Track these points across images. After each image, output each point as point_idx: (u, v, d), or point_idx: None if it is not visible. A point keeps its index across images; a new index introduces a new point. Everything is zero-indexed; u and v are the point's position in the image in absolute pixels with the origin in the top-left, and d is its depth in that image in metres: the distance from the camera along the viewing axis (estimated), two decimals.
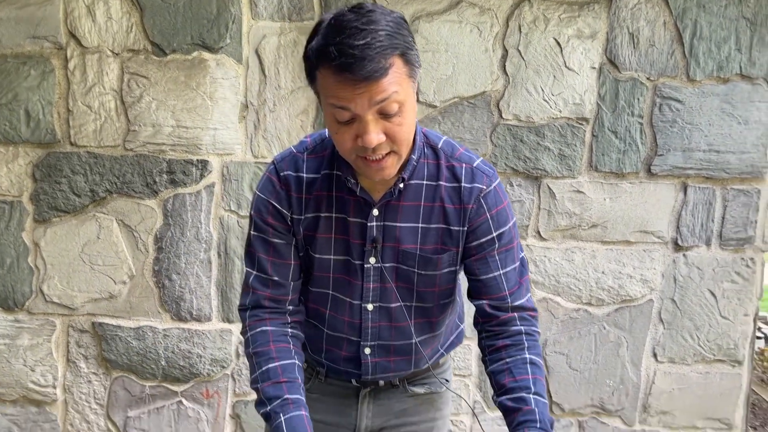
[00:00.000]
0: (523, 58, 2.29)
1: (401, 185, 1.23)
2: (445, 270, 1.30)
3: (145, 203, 2.37)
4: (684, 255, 2.34)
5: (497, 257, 1.28)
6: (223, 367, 2.43)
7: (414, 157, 1.23)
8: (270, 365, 1.26)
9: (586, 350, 2.40)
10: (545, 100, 2.30)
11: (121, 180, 2.35)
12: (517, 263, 1.31)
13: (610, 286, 2.37)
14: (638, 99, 2.28)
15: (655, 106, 2.28)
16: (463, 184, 1.25)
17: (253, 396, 2.42)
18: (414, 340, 1.37)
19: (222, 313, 2.41)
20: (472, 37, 2.29)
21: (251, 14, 2.31)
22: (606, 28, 2.28)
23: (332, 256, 1.30)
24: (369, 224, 1.26)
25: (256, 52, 2.31)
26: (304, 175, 1.27)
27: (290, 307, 1.34)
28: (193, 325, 2.41)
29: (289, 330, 1.33)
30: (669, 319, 2.37)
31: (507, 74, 2.30)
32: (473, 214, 1.25)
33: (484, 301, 1.30)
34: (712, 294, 2.35)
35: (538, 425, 1.19)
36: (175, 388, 2.44)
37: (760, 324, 5.80)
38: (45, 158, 2.35)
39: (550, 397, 2.39)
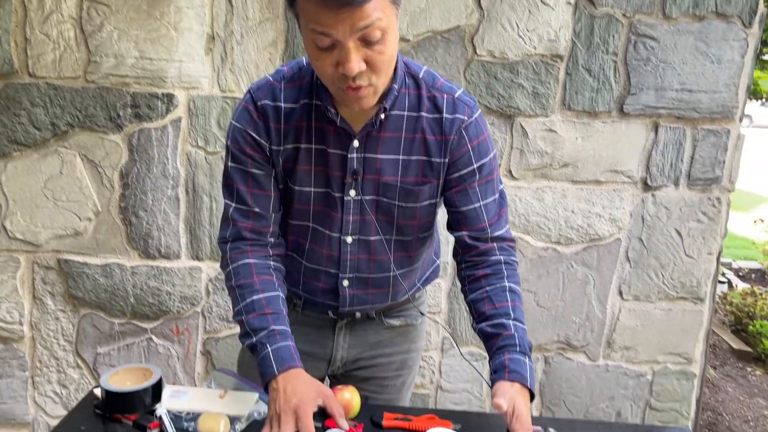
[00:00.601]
0: None
1: (382, 116, 1.20)
2: (426, 203, 1.29)
3: (109, 138, 2.30)
4: (653, 195, 2.36)
5: (477, 189, 1.28)
6: (193, 304, 2.42)
7: (395, 86, 1.20)
8: (254, 297, 1.25)
9: (554, 288, 2.44)
10: (520, 36, 2.25)
11: (84, 113, 2.28)
12: (497, 195, 1.31)
13: (579, 225, 2.39)
14: (613, 36, 2.25)
15: (630, 43, 2.25)
16: (444, 115, 1.23)
17: (225, 332, 2.45)
18: (392, 273, 1.37)
19: (191, 250, 2.38)
20: None
21: None
22: None
23: (312, 189, 1.28)
24: (349, 156, 1.23)
25: None
26: (282, 104, 1.24)
27: (271, 239, 1.32)
28: (162, 263, 2.38)
29: (272, 263, 1.32)
30: (636, 258, 2.41)
31: (482, 8, 2.24)
32: (454, 146, 1.24)
33: (464, 233, 1.31)
34: (678, 233, 2.38)
35: (517, 348, 1.21)
36: (144, 325, 2.43)
37: (723, 269, 5.96)
38: (3, 89, 2.26)
39: None
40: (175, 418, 1.29)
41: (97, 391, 1.34)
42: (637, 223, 2.38)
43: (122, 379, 1.38)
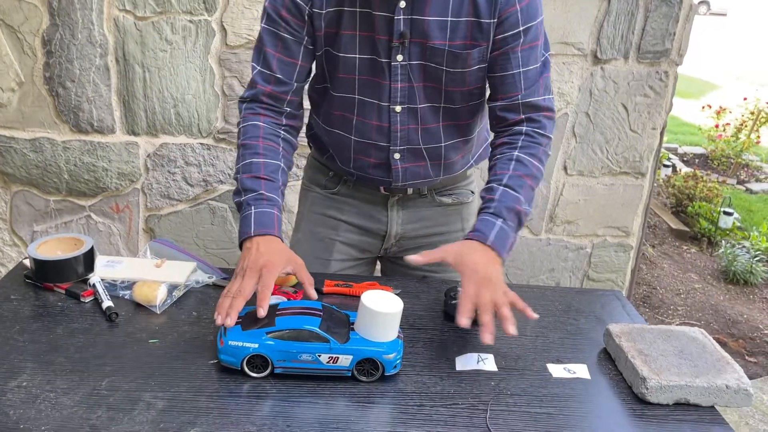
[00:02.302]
0: None
1: None
2: (475, 67, 1.23)
3: (26, 0, 2.10)
4: (602, 68, 2.33)
5: (520, 54, 1.21)
6: (132, 181, 2.34)
7: None
8: (254, 159, 1.23)
9: None
10: None
11: None
12: (539, 64, 1.24)
13: None
14: None
15: None
16: None
17: (167, 210, 2.40)
18: (444, 144, 1.34)
19: (126, 125, 2.27)
20: None
21: None
22: None
23: (357, 55, 1.22)
24: (396, 17, 1.17)
25: None
26: None
27: (288, 109, 1.29)
28: (96, 137, 2.27)
29: (281, 131, 1.28)
30: (581, 133, 2.42)
31: None
32: (503, 5, 1.17)
33: (498, 102, 1.26)
34: (625, 108, 2.38)
35: (491, 210, 1.18)
36: (81, 202, 2.35)
37: (669, 154, 6.12)
38: None
39: None
40: (110, 286, 1.27)
41: (27, 262, 1.30)
42: (585, 98, 2.36)
43: (52, 248, 1.34)
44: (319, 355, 1.01)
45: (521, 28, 1.19)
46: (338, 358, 1.02)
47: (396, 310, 1.03)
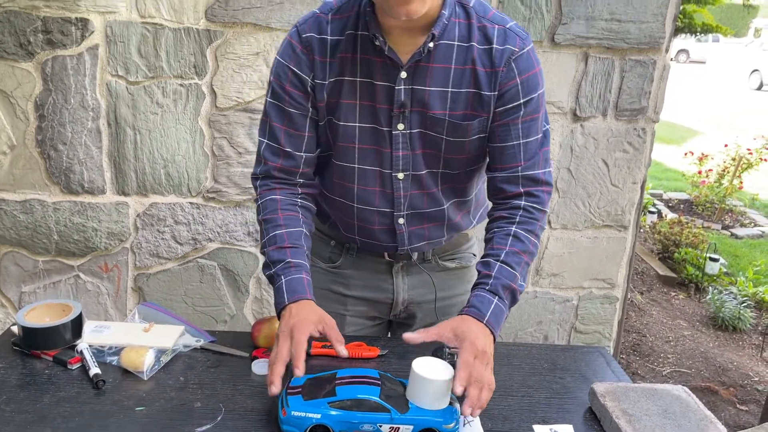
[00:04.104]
0: None
1: (431, 44, 1.16)
2: (475, 137, 1.25)
3: (20, 66, 2.16)
4: (581, 125, 2.40)
5: (520, 125, 1.23)
6: (121, 240, 2.36)
7: (445, 13, 1.16)
8: (277, 231, 1.25)
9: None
10: None
11: None
12: (540, 135, 1.25)
13: None
14: None
15: None
16: (494, 46, 1.18)
17: (156, 268, 2.41)
18: (445, 205, 1.35)
19: (116, 185, 2.31)
20: None
21: None
22: None
23: (357, 124, 1.25)
24: (397, 87, 1.20)
25: None
26: (329, 37, 1.21)
27: (301, 180, 1.31)
28: (86, 198, 2.30)
29: (299, 200, 1.31)
30: (564, 188, 2.47)
31: None
32: (503, 78, 1.19)
33: (497, 173, 1.27)
34: (605, 163, 2.45)
35: (487, 287, 1.19)
36: (70, 262, 2.36)
37: (654, 200, 6.21)
38: None
39: None
40: (97, 352, 1.28)
41: (15, 329, 1.31)
42: (566, 154, 2.43)
43: (41, 315, 1.35)
44: (381, 426, 1.02)
45: (522, 101, 1.20)
46: (399, 428, 1.02)
47: (448, 377, 1.04)
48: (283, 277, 1.21)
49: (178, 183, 2.32)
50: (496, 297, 1.18)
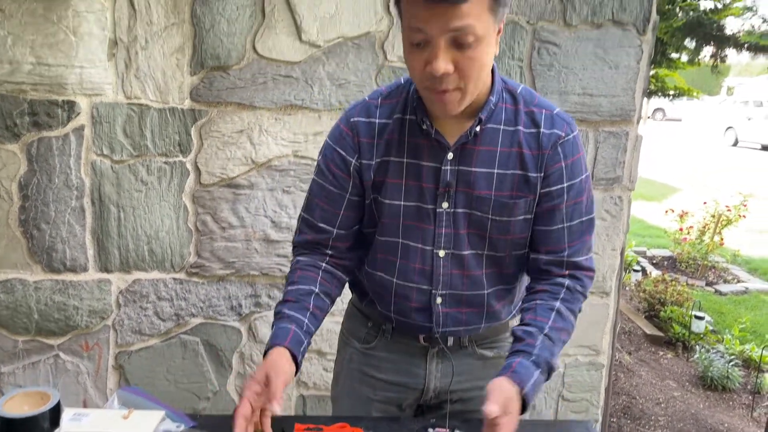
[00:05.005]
0: None
1: (477, 128, 1.19)
2: (521, 217, 1.26)
3: (5, 147, 2.19)
4: None
5: (564, 209, 1.25)
6: (103, 318, 2.34)
7: (492, 99, 1.19)
8: (288, 288, 1.30)
9: None
10: None
11: None
12: (584, 218, 1.27)
13: None
14: (518, 42, 2.32)
15: (534, 49, 2.33)
16: (542, 130, 1.21)
17: (138, 345, 2.38)
18: (486, 291, 1.34)
19: (99, 262, 2.30)
20: None
21: None
22: None
23: (402, 202, 1.27)
24: (443, 168, 1.22)
25: None
26: (377, 120, 1.26)
27: (330, 252, 1.34)
28: (68, 276, 2.29)
29: (324, 264, 1.33)
30: None
31: (391, 14, 2.26)
32: (549, 161, 1.22)
33: (541, 255, 1.28)
34: None
35: (532, 358, 1.17)
36: (51, 341, 2.33)
37: (638, 258, 6.27)
38: None
39: None
40: None
41: None
42: None
43: (19, 404, 1.32)
44: None
45: (565, 185, 1.23)
46: None
47: None
48: (274, 327, 1.24)
49: (161, 259, 2.33)
50: (538, 369, 1.17)
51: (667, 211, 6.63)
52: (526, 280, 1.43)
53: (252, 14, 2.21)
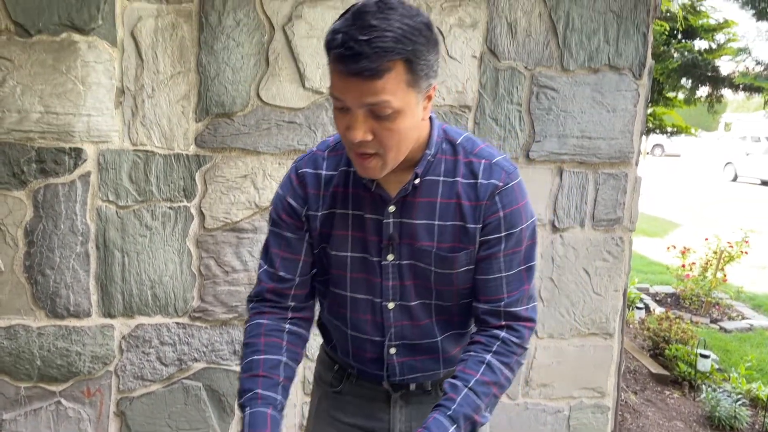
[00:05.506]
0: None
1: (415, 181, 1.21)
2: (462, 269, 1.26)
3: (12, 194, 2.21)
4: (561, 236, 2.47)
5: (502, 258, 1.24)
6: (105, 363, 2.33)
7: (429, 152, 1.21)
8: (254, 357, 1.25)
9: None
10: None
11: None
12: (523, 267, 1.25)
13: None
14: (517, 87, 2.37)
15: (533, 94, 2.37)
16: (479, 180, 1.21)
17: (140, 391, 2.37)
18: (438, 338, 1.34)
19: (102, 307, 2.31)
20: None
21: None
22: (486, 18, 2.35)
23: (349, 253, 1.28)
24: (385, 221, 1.24)
25: (132, 34, 2.21)
26: (323, 172, 1.28)
27: (292, 303, 1.32)
28: (71, 322, 2.29)
29: (287, 326, 1.31)
30: (548, 297, 2.50)
31: None
32: (486, 211, 1.21)
33: (480, 305, 1.27)
34: (586, 272, 2.50)
35: (448, 412, 1.17)
36: (52, 388, 2.32)
37: (641, 295, 6.24)
38: None
39: None
40: None
41: None
42: (548, 264, 2.48)
43: None
44: None
45: (503, 234, 1.22)
46: None
47: None
48: (248, 409, 1.20)
49: (164, 303, 2.33)
50: (454, 425, 1.16)
51: (669, 248, 6.62)
52: None
53: (256, 63, 2.26)
